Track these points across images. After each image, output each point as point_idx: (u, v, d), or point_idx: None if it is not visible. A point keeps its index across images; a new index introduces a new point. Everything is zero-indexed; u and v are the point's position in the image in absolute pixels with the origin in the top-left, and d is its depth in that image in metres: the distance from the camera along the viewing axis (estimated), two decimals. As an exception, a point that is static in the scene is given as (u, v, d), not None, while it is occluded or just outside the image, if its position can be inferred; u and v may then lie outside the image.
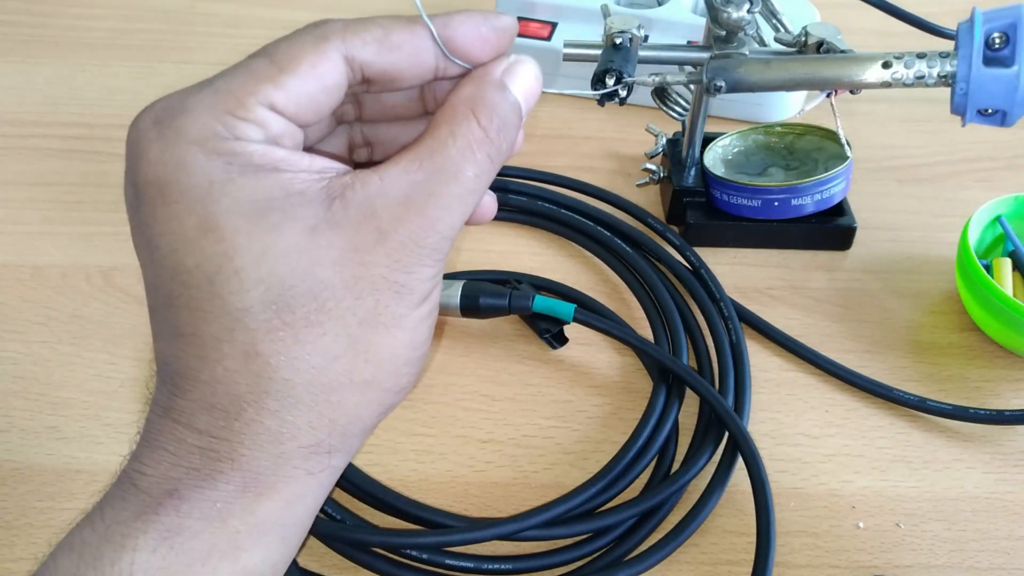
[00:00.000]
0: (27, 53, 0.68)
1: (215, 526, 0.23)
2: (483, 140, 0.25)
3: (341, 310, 0.23)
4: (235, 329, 0.23)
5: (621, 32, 0.44)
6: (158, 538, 0.22)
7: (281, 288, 0.23)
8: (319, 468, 0.24)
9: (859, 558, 0.40)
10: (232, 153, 0.23)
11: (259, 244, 0.22)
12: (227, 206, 0.22)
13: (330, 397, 0.24)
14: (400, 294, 0.24)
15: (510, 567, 0.38)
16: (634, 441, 0.42)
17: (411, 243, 0.24)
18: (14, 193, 0.56)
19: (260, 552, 0.24)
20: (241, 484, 0.23)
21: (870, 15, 0.49)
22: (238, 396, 0.23)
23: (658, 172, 0.55)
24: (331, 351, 0.23)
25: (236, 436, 0.23)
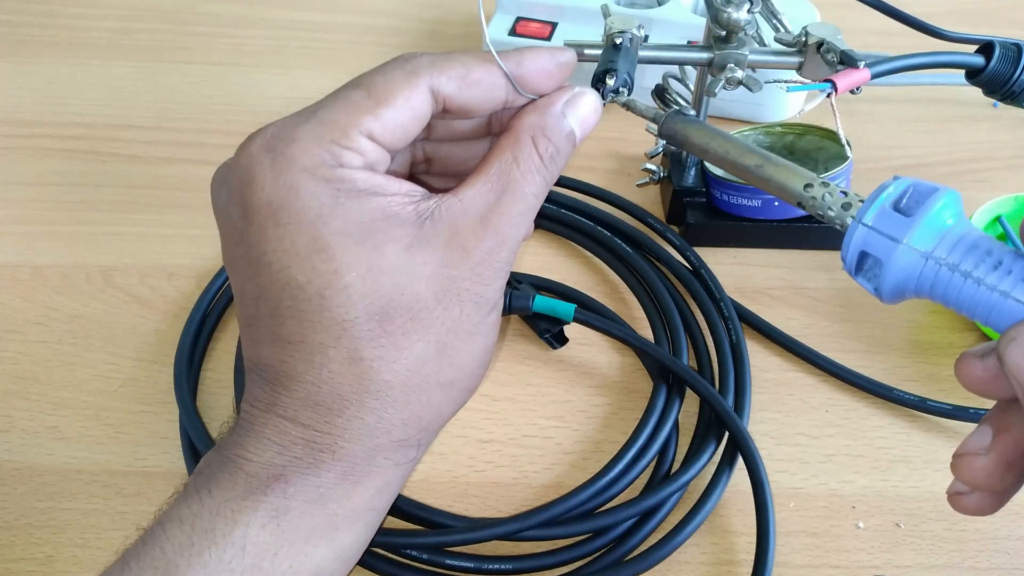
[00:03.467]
0: (27, 53, 0.68)
1: (317, 508, 0.26)
2: (540, 166, 0.28)
3: (432, 319, 0.26)
4: (341, 337, 0.26)
5: (621, 32, 0.43)
6: (267, 516, 0.25)
7: (384, 301, 0.26)
8: (405, 460, 0.28)
9: (859, 558, 0.40)
10: (340, 180, 0.26)
11: (365, 263, 0.26)
12: (336, 228, 0.26)
13: (420, 396, 0.27)
14: (479, 304, 0.27)
15: (510, 567, 0.38)
16: (634, 441, 0.42)
17: (489, 258, 0.27)
18: (14, 193, 0.56)
19: (353, 534, 0.27)
20: (340, 473, 0.26)
21: (870, 15, 0.49)
22: (341, 395, 0.26)
23: (658, 172, 0.55)
24: (423, 356, 0.27)
25: (338, 430, 0.26)
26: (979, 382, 0.26)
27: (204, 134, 0.60)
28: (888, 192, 0.26)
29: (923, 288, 0.25)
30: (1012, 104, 0.45)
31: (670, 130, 0.33)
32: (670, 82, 0.54)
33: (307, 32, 0.70)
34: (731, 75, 0.44)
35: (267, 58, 0.67)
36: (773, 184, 0.30)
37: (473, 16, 0.72)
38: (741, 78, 0.44)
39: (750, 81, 0.44)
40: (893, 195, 0.25)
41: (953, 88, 0.65)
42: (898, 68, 0.43)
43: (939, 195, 0.25)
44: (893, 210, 0.25)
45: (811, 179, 0.28)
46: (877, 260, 0.26)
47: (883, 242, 0.25)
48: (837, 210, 0.27)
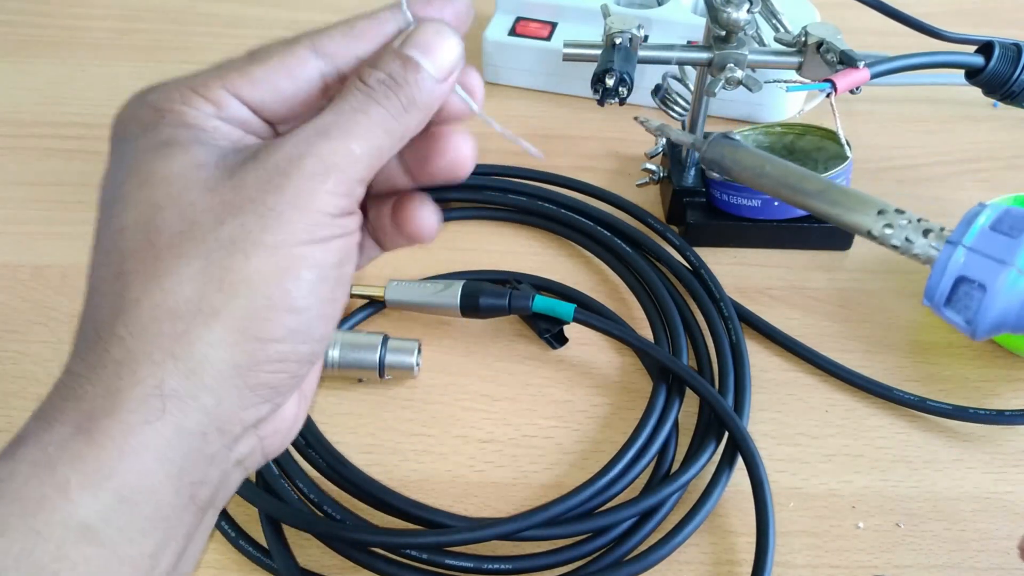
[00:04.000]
0: (27, 53, 0.68)
1: (45, 473, 0.21)
2: (365, 90, 0.24)
3: (203, 233, 0.22)
4: (111, 251, 0.23)
5: (621, 32, 0.44)
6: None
7: (153, 211, 0.23)
8: (155, 416, 0.22)
9: (859, 558, 0.40)
10: (170, 111, 0.24)
11: (146, 170, 0.23)
12: (142, 145, 0.24)
13: (175, 325, 0.22)
14: (264, 218, 0.22)
15: (510, 567, 0.38)
16: (634, 441, 0.42)
17: (288, 166, 0.23)
18: (14, 193, 0.56)
19: (95, 507, 0.21)
20: (75, 425, 0.21)
21: (870, 15, 0.49)
22: (98, 325, 0.23)
23: (658, 172, 0.55)
24: (183, 274, 0.22)
25: (86, 370, 0.22)
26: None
27: (204, 134, 0.60)
28: (986, 214, 0.24)
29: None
30: (1012, 104, 0.45)
31: (716, 155, 0.31)
32: (670, 82, 0.54)
33: (307, 32, 0.70)
34: (731, 75, 0.44)
35: (267, 58, 0.67)
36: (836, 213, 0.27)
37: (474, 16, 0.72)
38: (741, 78, 0.44)
39: (750, 81, 0.44)
40: (991, 217, 0.24)
41: (953, 88, 0.64)
42: (898, 68, 0.44)
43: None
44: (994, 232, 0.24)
45: (883, 206, 0.26)
46: (978, 286, 0.24)
47: (988, 265, 0.23)
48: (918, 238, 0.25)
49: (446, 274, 0.50)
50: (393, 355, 0.44)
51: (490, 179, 0.56)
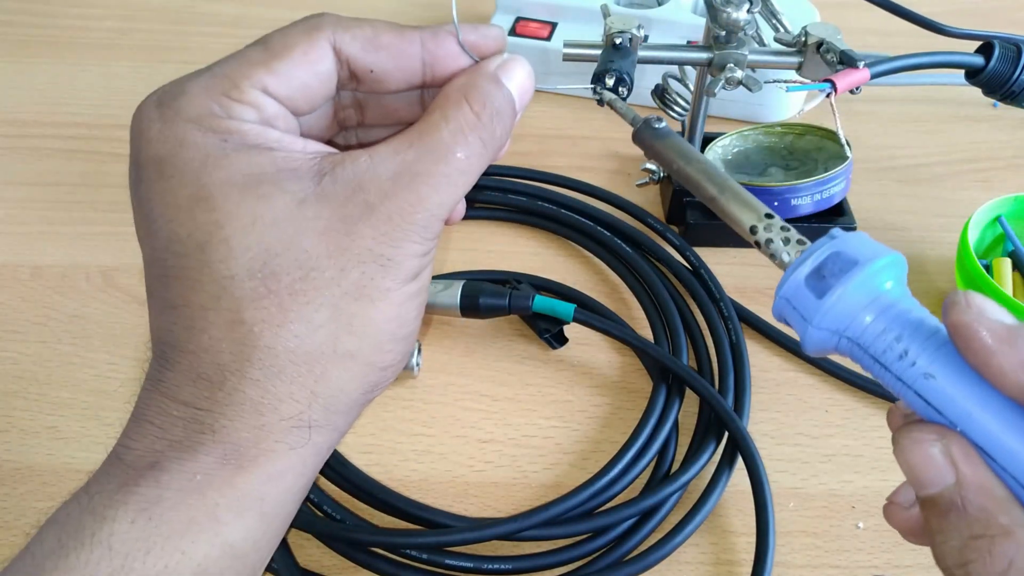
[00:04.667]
0: (27, 53, 0.68)
1: (194, 498, 0.23)
2: (475, 124, 0.25)
3: (325, 280, 0.23)
4: (221, 297, 0.23)
5: (621, 32, 0.44)
6: (136, 509, 0.22)
7: (267, 256, 0.23)
8: (300, 443, 0.24)
9: (859, 558, 0.40)
10: (228, 131, 0.24)
11: (248, 213, 0.23)
12: (220, 178, 0.23)
13: (312, 368, 0.24)
14: (386, 268, 0.24)
15: (510, 567, 0.38)
16: (634, 441, 0.42)
17: (398, 217, 0.24)
18: (14, 193, 0.56)
19: (240, 527, 0.23)
20: (221, 456, 0.23)
21: (871, 15, 0.49)
22: (222, 365, 0.23)
23: (658, 172, 0.55)
24: (314, 320, 0.23)
25: (218, 407, 0.23)
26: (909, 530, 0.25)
27: (204, 134, 0.60)
28: (813, 258, 0.25)
29: (843, 354, 0.25)
30: (1012, 104, 0.45)
31: (640, 141, 0.32)
32: (670, 82, 0.54)
33: (307, 32, 0.70)
34: (731, 75, 0.44)
35: (267, 58, 0.67)
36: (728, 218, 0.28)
37: (474, 16, 0.72)
38: (741, 78, 0.44)
39: (750, 81, 0.44)
40: (816, 261, 0.24)
41: (953, 88, 0.65)
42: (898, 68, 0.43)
43: (857, 271, 0.23)
44: (810, 282, 0.24)
45: (759, 218, 0.27)
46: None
47: (796, 317, 0.25)
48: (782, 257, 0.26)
49: (446, 274, 0.50)
50: (393, 355, 0.44)
51: (490, 179, 0.56)
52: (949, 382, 0.22)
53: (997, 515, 0.21)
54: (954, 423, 0.22)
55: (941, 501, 0.22)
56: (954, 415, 0.22)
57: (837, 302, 0.24)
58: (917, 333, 0.23)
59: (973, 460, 0.21)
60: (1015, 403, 0.21)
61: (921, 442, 0.22)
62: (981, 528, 0.21)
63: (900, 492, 0.25)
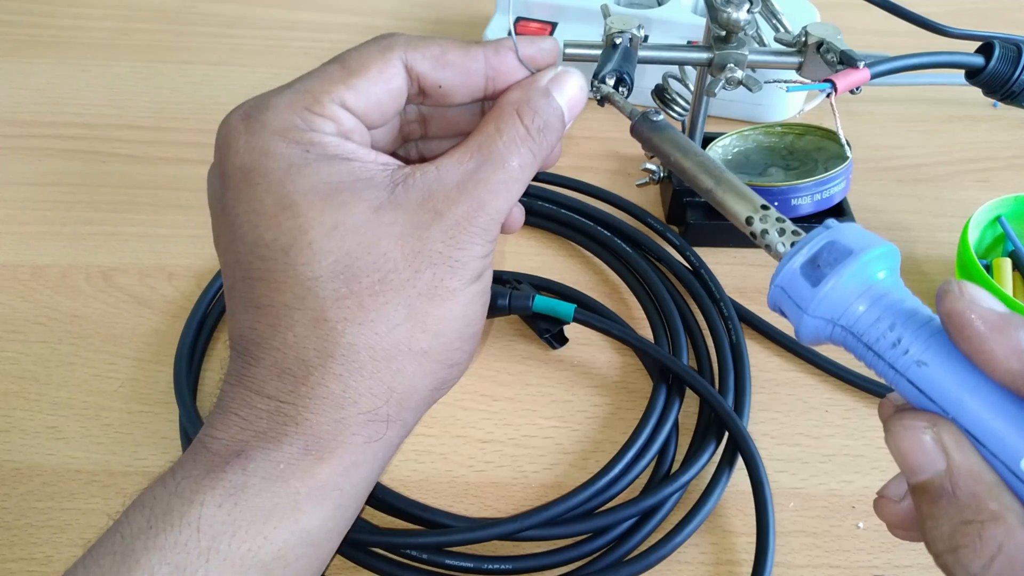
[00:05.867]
0: (27, 53, 0.68)
1: (278, 486, 0.24)
2: (526, 137, 0.28)
3: (401, 281, 0.25)
4: (306, 297, 0.25)
5: (621, 32, 0.44)
6: (224, 494, 0.24)
7: (348, 259, 0.25)
8: (376, 436, 0.26)
9: (859, 558, 0.40)
10: (310, 143, 0.26)
11: (330, 219, 0.25)
12: (303, 186, 0.25)
13: (390, 364, 0.26)
14: (455, 269, 0.26)
15: (510, 567, 0.38)
16: (634, 441, 0.42)
17: (464, 222, 0.26)
18: (14, 193, 0.56)
19: (319, 515, 0.25)
20: (304, 447, 0.25)
21: (871, 15, 0.49)
22: (306, 361, 0.25)
23: (658, 172, 0.55)
24: (392, 319, 0.25)
25: (302, 400, 0.25)
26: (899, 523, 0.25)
27: (204, 134, 0.60)
28: (808, 248, 0.25)
29: (837, 343, 0.25)
30: (1012, 104, 0.45)
31: (638, 134, 0.32)
32: (670, 82, 0.54)
33: (307, 32, 0.70)
34: (731, 75, 0.44)
35: (267, 58, 0.67)
36: (724, 210, 0.29)
37: (474, 16, 0.72)
38: (741, 78, 0.44)
39: (750, 81, 0.44)
40: (811, 251, 0.25)
41: (953, 88, 0.65)
42: (898, 68, 0.43)
43: (851, 260, 0.24)
44: (805, 271, 0.25)
45: (755, 209, 0.28)
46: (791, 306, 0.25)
47: (791, 306, 0.25)
48: (777, 248, 0.27)
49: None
50: (393, 355, 0.44)
51: (490, 179, 0.56)
52: (941, 370, 0.22)
53: (987, 501, 0.21)
54: (945, 410, 0.22)
55: (931, 488, 0.22)
56: (946, 402, 0.22)
57: (831, 291, 0.24)
58: (910, 322, 0.23)
59: (964, 447, 0.22)
60: (1006, 390, 0.21)
61: (912, 429, 0.22)
62: (971, 514, 0.21)
63: (890, 486, 0.26)
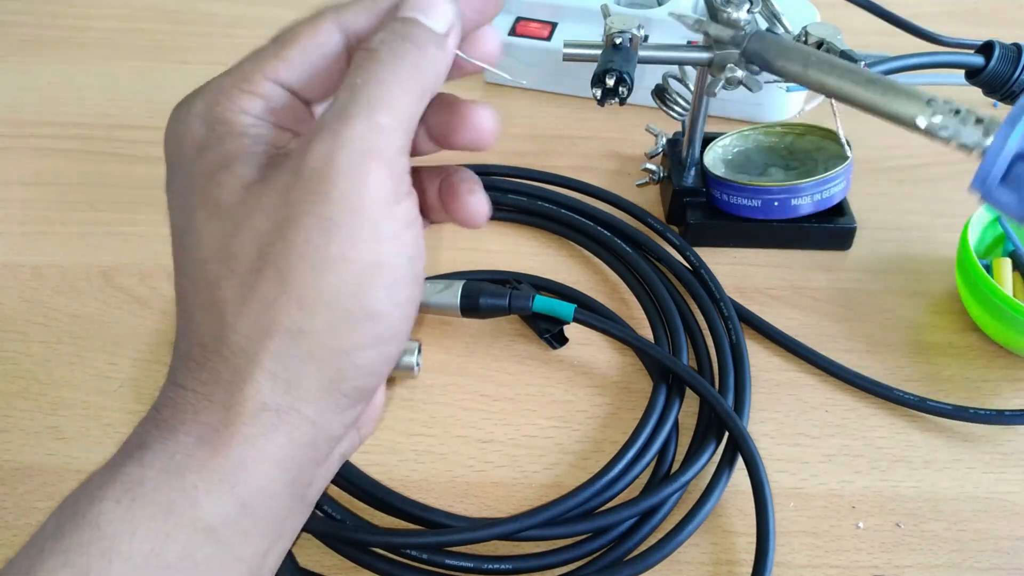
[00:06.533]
0: (27, 53, 0.68)
1: (174, 479, 0.23)
2: (367, 58, 0.24)
3: (275, 254, 0.23)
4: (197, 280, 0.24)
5: (621, 32, 0.44)
6: (122, 489, 0.23)
7: (227, 240, 0.24)
8: (266, 429, 0.23)
9: (859, 558, 0.40)
10: (219, 121, 0.25)
11: (211, 200, 0.24)
12: (200, 168, 0.25)
13: (268, 346, 0.23)
14: (327, 231, 0.23)
15: (510, 567, 0.38)
16: (634, 441, 0.42)
17: (323, 166, 0.23)
18: (14, 193, 0.56)
19: (219, 512, 0.23)
20: (198, 436, 0.23)
21: (870, 16, 0.49)
22: (204, 346, 0.24)
23: (658, 172, 0.55)
24: (267, 296, 0.23)
25: (202, 387, 0.24)
26: None
27: (204, 134, 0.60)
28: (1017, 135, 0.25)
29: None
30: (1012, 104, 0.45)
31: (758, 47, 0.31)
32: (670, 82, 0.54)
33: (307, 32, 0.70)
34: (731, 75, 0.44)
35: (267, 58, 0.67)
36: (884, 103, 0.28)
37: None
38: (741, 78, 0.44)
39: (750, 81, 0.44)
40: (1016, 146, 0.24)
41: (953, 88, 0.64)
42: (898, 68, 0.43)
43: None
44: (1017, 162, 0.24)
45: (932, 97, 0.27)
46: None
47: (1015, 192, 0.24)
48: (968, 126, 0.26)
49: (446, 274, 0.50)
50: (393, 355, 0.44)
51: (490, 179, 0.56)
52: None
53: None
54: None
55: None
56: None
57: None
58: None
59: None
60: None
61: None
62: None
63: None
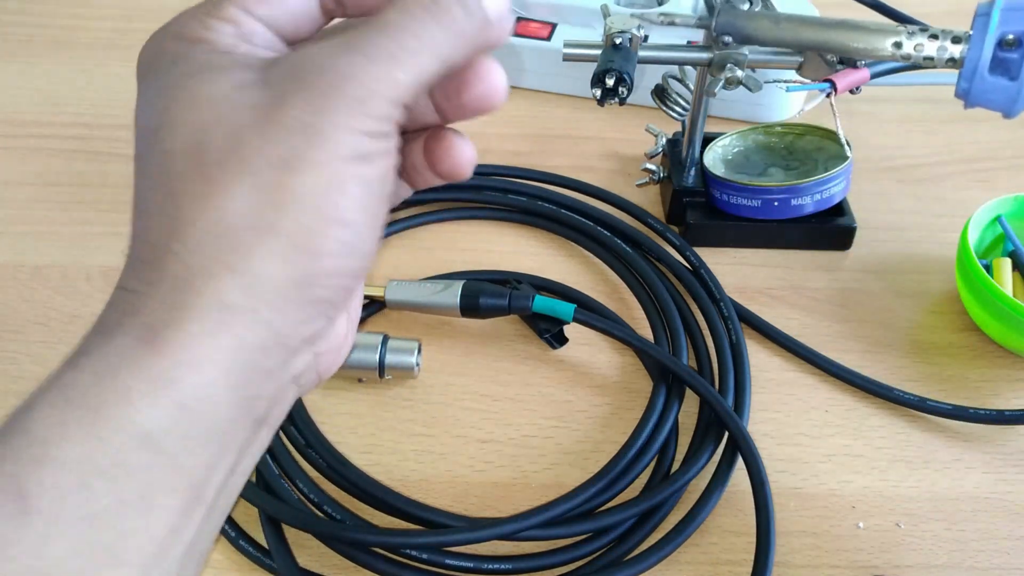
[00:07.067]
0: (27, 53, 0.68)
1: (107, 381, 0.22)
2: (429, 5, 0.24)
3: (251, 150, 0.23)
4: (161, 174, 0.24)
5: (621, 32, 0.44)
6: (57, 394, 0.22)
7: (201, 134, 0.23)
8: (217, 328, 0.23)
9: (859, 558, 0.40)
10: (198, 39, 0.25)
11: (192, 95, 0.24)
12: (180, 72, 0.24)
13: (232, 241, 0.23)
14: (315, 138, 0.23)
15: (510, 567, 0.38)
16: (634, 441, 0.42)
17: (329, 88, 0.23)
18: (14, 193, 0.56)
19: (155, 416, 0.22)
20: (137, 337, 0.22)
21: (870, 15, 0.49)
22: (154, 243, 0.23)
23: (658, 172, 0.55)
24: (236, 192, 0.23)
25: (144, 287, 0.23)
26: None
27: (204, 134, 0.60)
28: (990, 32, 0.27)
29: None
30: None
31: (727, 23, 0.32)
32: (670, 82, 0.54)
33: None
34: (731, 75, 0.44)
35: (267, 58, 0.67)
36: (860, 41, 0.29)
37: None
38: (741, 78, 0.44)
39: (750, 81, 0.44)
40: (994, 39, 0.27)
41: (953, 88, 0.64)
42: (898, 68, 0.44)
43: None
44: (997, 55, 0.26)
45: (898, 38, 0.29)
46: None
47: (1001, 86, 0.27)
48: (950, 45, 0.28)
49: (446, 274, 0.50)
50: (393, 355, 0.44)
51: (490, 179, 0.56)
52: None
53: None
54: None
55: None
56: None
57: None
58: None
59: None
60: None
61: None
62: None
63: None
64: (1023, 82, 0.28)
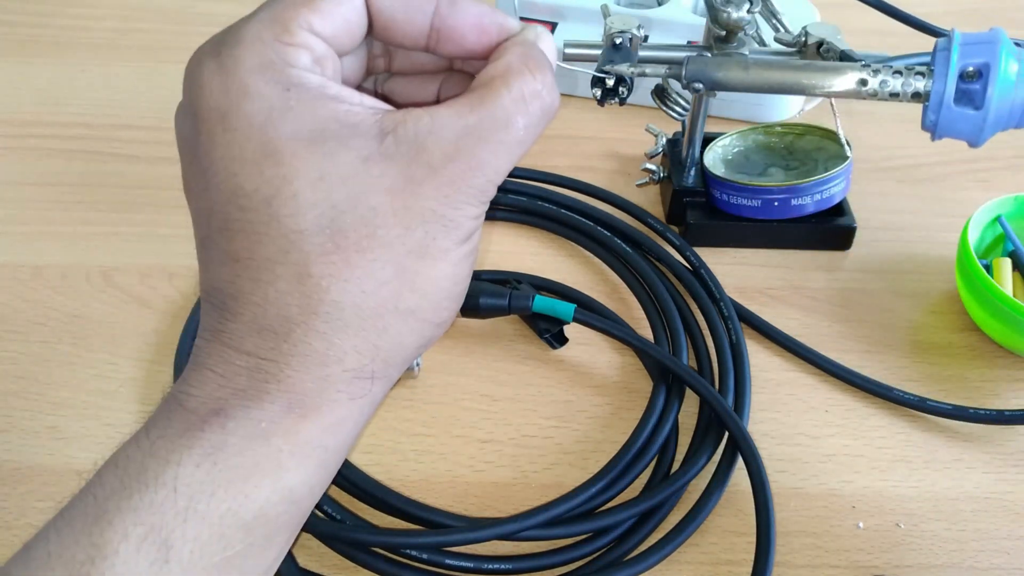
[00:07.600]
0: (27, 53, 0.68)
1: (259, 444, 0.24)
2: (537, 94, 0.26)
3: (391, 238, 0.24)
4: (289, 251, 0.24)
5: (621, 32, 0.44)
6: (202, 454, 0.23)
7: (335, 212, 0.24)
8: (361, 393, 0.25)
9: (859, 558, 0.40)
10: (289, 81, 0.24)
11: (316, 169, 0.24)
12: (286, 132, 0.24)
13: (376, 323, 0.25)
14: (447, 228, 0.25)
15: (510, 567, 0.38)
16: (634, 441, 0.42)
17: (459, 181, 0.25)
18: (14, 193, 0.56)
19: (301, 473, 0.24)
20: (286, 405, 0.24)
21: (870, 15, 0.49)
22: (288, 317, 0.24)
23: (658, 172, 0.55)
24: (380, 276, 0.24)
25: (283, 357, 0.24)
26: None
27: (204, 134, 0.60)
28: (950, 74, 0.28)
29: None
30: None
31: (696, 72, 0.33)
32: (670, 82, 0.54)
33: (307, 32, 0.70)
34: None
35: (267, 58, 0.67)
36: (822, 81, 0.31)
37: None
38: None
39: (750, 81, 0.44)
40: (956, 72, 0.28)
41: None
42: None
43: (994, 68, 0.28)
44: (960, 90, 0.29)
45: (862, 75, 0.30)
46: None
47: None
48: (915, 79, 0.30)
49: (446, 274, 0.50)
50: (393, 355, 0.44)
51: (490, 179, 0.56)
52: None
53: None
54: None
55: None
56: None
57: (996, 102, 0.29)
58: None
59: None
60: None
61: None
62: None
63: None
64: (988, 110, 0.29)
